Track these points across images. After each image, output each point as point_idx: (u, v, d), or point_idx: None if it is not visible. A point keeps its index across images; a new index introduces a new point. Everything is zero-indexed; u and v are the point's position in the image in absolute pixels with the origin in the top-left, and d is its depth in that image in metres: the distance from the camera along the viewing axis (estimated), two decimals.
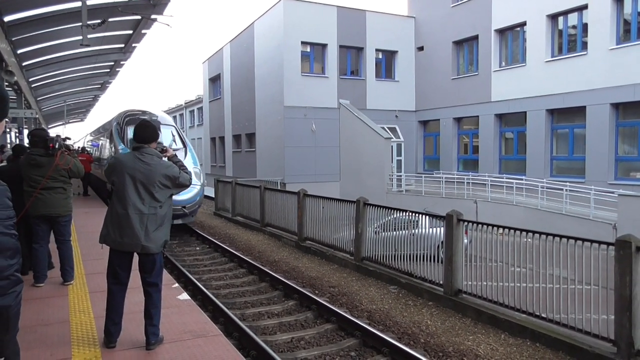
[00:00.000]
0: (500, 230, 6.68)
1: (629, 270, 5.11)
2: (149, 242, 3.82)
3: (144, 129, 4.03)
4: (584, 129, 18.03)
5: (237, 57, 29.40)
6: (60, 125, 43.91)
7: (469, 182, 19.33)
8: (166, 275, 6.08)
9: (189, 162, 12.88)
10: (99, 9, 12.41)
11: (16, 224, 6.05)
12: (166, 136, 13.48)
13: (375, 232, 9.49)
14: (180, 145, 13.69)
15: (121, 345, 3.95)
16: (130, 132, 12.60)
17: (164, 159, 4.11)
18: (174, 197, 7.56)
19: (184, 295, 5.32)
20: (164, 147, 4.31)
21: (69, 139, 9.35)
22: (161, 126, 12.96)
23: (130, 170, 3.86)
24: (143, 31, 15.49)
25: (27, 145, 6.73)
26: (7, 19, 11.59)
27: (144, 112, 14.09)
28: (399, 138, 25.04)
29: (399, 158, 24.84)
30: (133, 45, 17.17)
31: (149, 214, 3.83)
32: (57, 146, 5.38)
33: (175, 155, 4.40)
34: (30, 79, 19.27)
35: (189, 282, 8.24)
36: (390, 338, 5.69)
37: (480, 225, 7.04)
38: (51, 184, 5.47)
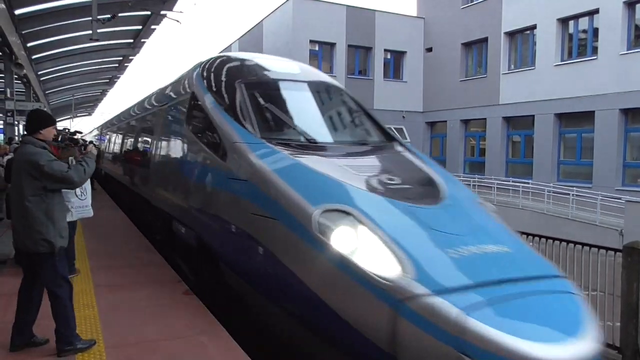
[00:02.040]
0: None
1: (636, 277, 5.07)
2: (26, 238, 3.56)
3: (29, 115, 3.81)
4: (592, 134, 17.93)
5: None
6: (68, 119, 44.20)
7: (475, 185, 19.26)
8: (170, 272, 6.07)
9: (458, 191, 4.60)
10: (109, 4, 12.50)
11: None
12: (327, 109, 6.11)
13: None
14: (374, 136, 5.91)
15: (125, 340, 3.96)
16: (251, 99, 5.10)
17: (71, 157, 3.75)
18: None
19: (189, 292, 5.31)
20: (85, 142, 4.14)
21: (80, 132, 9.14)
22: (309, 88, 5.84)
23: (15, 163, 3.80)
24: (152, 27, 15.57)
25: None
26: (18, 12, 11.67)
27: (260, 63, 6.13)
28: (406, 139, 24.97)
29: None
30: (142, 40, 17.25)
31: (22, 208, 3.58)
32: (59, 139, 5.35)
33: (90, 153, 3.94)
34: (40, 72, 19.38)
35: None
36: None
37: None
38: None
